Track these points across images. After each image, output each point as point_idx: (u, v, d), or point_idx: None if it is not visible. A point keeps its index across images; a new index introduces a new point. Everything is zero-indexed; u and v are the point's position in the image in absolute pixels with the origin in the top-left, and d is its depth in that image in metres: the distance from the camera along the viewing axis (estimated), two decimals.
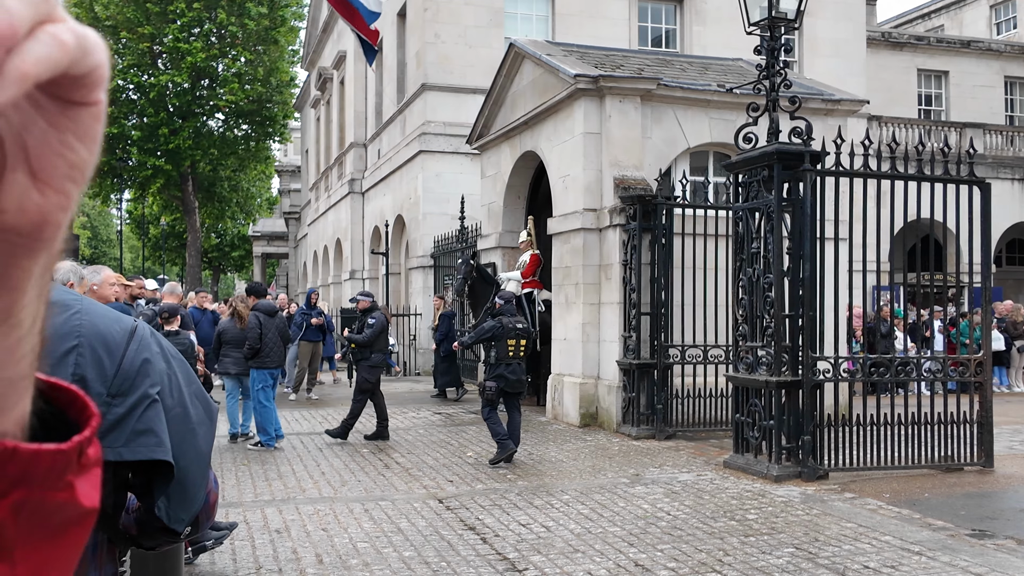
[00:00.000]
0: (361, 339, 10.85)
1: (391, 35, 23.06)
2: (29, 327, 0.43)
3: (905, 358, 8.97)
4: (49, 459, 0.44)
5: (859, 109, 13.55)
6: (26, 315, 0.42)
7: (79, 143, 0.42)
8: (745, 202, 8.74)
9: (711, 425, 10.95)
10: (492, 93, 14.62)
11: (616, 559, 5.71)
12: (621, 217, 11.27)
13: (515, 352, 9.14)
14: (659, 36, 21.48)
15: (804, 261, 8.24)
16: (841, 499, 7.37)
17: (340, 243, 29.18)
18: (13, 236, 0.40)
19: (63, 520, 0.46)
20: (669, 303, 10.93)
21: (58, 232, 0.42)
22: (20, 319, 0.42)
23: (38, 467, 0.44)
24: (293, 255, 44.85)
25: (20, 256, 0.41)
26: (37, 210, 0.40)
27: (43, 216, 0.40)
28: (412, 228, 21.04)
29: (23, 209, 0.40)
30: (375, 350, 10.81)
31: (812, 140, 8.43)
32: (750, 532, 6.33)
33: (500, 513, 6.94)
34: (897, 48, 26.31)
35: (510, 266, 14.53)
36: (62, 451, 0.45)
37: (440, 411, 13.39)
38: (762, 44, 8.79)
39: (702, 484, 7.98)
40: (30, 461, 0.43)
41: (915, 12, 34.78)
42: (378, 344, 10.84)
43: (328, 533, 6.39)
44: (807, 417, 8.11)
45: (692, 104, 12.09)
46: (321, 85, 33.31)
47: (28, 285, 0.42)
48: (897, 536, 6.19)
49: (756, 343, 8.50)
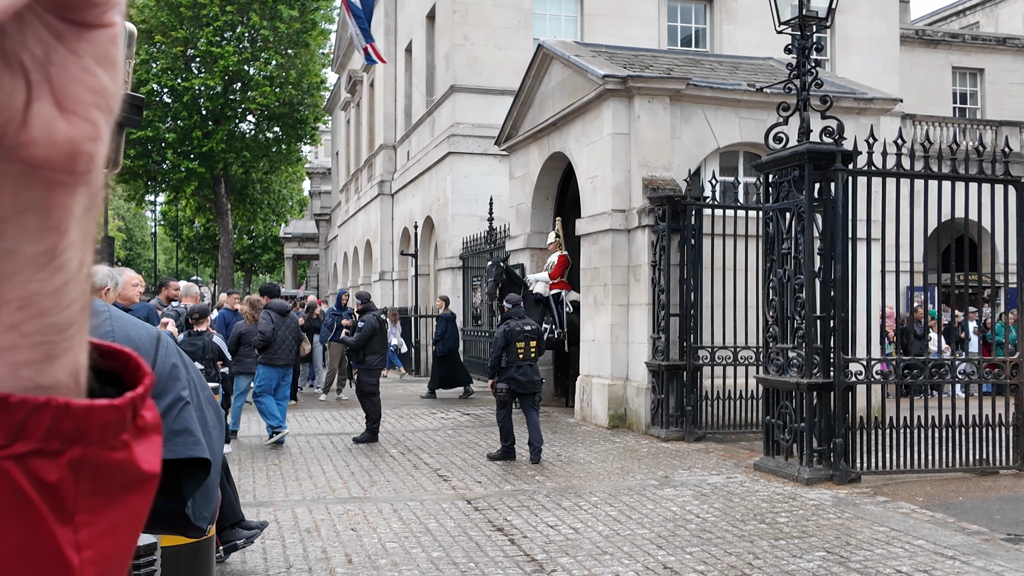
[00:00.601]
0: (352, 342, 10.90)
1: (420, 37, 23.16)
2: (75, 272, 0.43)
3: (939, 360, 8.85)
4: (103, 415, 0.44)
5: (892, 108, 13.39)
6: (71, 257, 0.42)
7: (99, 68, 0.42)
8: (775, 202, 8.67)
9: (741, 427, 10.87)
10: (520, 94, 14.63)
11: (645, 561, 5.69)
12: (650, 218, 11.23)
13: (525, 354, 9.25)
14: (689, 36, 21.37)
15: (836, 262, 8.16)
16: (873, 503, 7.29)
17: (370, 244, 29.34)
18: (48, 171, 0.40)
19: (123, 483, 0.46)
20: (698, 304, 10.87)
21: (92, 165, 0.42)
22: (65, 261, 0.42)
23: (92, 424, 0.43)
24: (324, 256, 45.18)
25: (58, 193, 0.41)
26: (66, 139, 0.40)
27: (73, 146, 0.41)
28: (441, 229, 21.10)
29: (52, 140, 0.40)
30: (369, 352, 10.80)
31: (844, 139, 8.34)
32: (780, 535, 6.28)
33: (528, 514, 6.94)
34: (931, 46, 25.95)
35: (538, 267, 14.53)
36: (116, 407, 0.45)
37: (469, 412, 13.43)
38: (793, 43, 8.72)
39: (732, 487, 7.92)
40: (84, 417, 0.43)
41: (950, 9, 34.26)
42: (372, 346, 10.83)
43: (357, 533, 6.43)
44: (839, 419, 8.03)
45: (722, 104, 12.02)
46: (351, 87, 33.53)
47: (70, 224, 0.42)
48: (930, 540, 6.11)
49: (787, 344, 8.43)
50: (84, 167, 0.42)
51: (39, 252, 0.41)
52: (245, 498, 6.99)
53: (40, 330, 0.42)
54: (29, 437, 0.41)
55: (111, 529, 0.45)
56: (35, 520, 0.42)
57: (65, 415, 0.42)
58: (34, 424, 0.41)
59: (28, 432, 0.41)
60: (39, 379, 0.42)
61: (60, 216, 0.41)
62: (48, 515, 0.42)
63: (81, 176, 0.42)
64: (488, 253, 16.62)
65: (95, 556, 0.44)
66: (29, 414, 0.41)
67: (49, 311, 0.42)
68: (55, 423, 0.42)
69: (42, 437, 0.42)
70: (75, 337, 0.44)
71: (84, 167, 0.42)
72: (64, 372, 0.43)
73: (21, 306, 0.41)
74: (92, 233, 0.44)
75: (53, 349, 0.42)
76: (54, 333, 0.42)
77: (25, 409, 0.41)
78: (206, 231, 43.95)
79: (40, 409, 0.42)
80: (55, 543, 0.42)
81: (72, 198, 0.42)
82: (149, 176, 30.20)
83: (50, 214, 0.41)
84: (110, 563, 0.45)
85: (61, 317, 0.42)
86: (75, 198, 0.42)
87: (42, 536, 0.42)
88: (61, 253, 0.42)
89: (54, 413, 0.42)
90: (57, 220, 0.41)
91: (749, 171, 11.96)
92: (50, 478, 0.42)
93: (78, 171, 0.41)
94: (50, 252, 0.41)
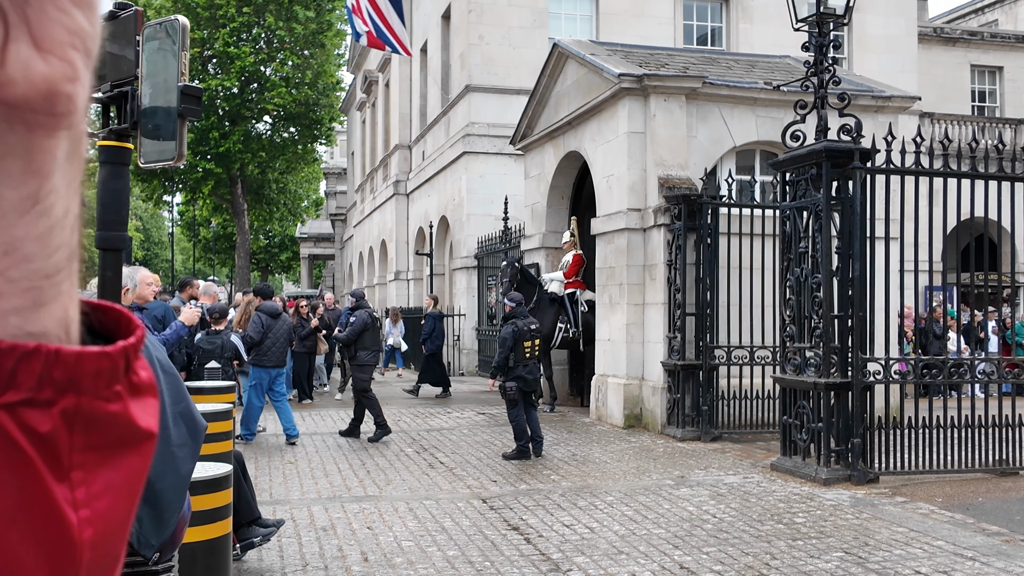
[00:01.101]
0: (343, 337, 10.95)
1: (435, 37, 23.18)
2: (60, 218, 0.42)
3: (959, 360, 8.77)
4: (94, 362, 0.43)
5: (910, 106, 13.29)
6: (55, 202, 0.42)
7: (76, 8, 0.42)
8: (793, 201, 8.62)
9: (757, 427, 10.82)
10: (536, 93, 14.62)
11: (661, 561, 5.67)
12: (666, 217, 11.19)
13: (531, 353, 9.42)
14: (705, 34, 21.30)
15: (854, 261, 8.10)
16: (892, 503, 7.23)
17: (385, 244, 29.41)
18: (27, 112, 0.40)
19: (118, 439, 0.45)
20: (715, 303, 10.83)
21: (72, 107, 0.41)
22: (49, 206, 0.41)
23: (84, 372, 0.43)
24: (339, 256, 45.32)
25: (39, 135, 0.41)
26: (43, 78, 0.40)
27: (51, 85, 0.40)
28: (456, 229, 21.12)
29: (30, 79, 0.39)
30: (360, 348, 10.83)
31: (862, 137, 8.28)
32: (798, 536, 6.24)
33: (544, 514, 6.93)
34: (950, 43, 25.75)
35: (553, 266, 14.52)
36: (107, 354, 0.44)
37: (484, 411, 13.43)
38: (810, 40, 8.66)
39: (748, 487, 7.88)
40: (75, 364, 0.42)
41: (968, 7, 33.98)
42: (363, 342, 10.86)
43: (373, 531, 6.44)
44: (857, 419, 7.97)
45: (738, 102, 11.96)
46: (367, 88, 33.62)
47: (53, 169, 0.41)
48: (950, 541, 6.06)
49: (804, 344, 8.37)
50: (64, 108, 0.41)
51: (22, 197, 0.41)
52: (262, 496, 7.01)
53: (26, 275, 0.41)
54: (20, 386, 0.41)
55: (108, 489, 0.44)
56: (30, 475, 0.41)
57: (56, 362, 0.41)
58: (25, 372, 0.41)
59: (19, 380, 0.41)
60: (27, 326, 0.41)
61: (42, 160, 0.41)
62: (43, 470, 0.41)
63: (62, 118, 0.41)
64: (503, 252, 16.62)
65: (92, 516, 0.43)
66: (19, 361, 0.40)
67: (35, 256, 0.41)
68: (46, 370, 0.41)
69: (33, 386, 0.41)
70: (63, 285, 0.43)
71: (64, 108, 0.41)
72: (53, 321, 0.42)
73: (6, 251, 0.40)
74: (77, 181, 0.44)
75: (41, 295, 0.42)
76: (41, 279, 0.42)
77: (15, 355, 0.40)
78: (223, 231, 44.19)
79: (30, 356, 0.41)
80: (52, 500, 0.41)
81: (54, 141, 0.41)
82: (166, 176, 30.38)
83: (32, 157, 0.41)
84: (108, 525, 0.44)
85: (48, 263, 0.42)
86: (57, 141, 0.41)
87: (38, 492, 0.41)
88: (44, 198, 0.41)
89: (45, 360, 0.41)
90: (39, 164, 0.41)
91: (766, 170, 11.91)
92: (43, 429, 0.41)
93: (58, 112, 0.41)
94: (33, 197, 0.41)
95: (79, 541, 0.42)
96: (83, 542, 0.42)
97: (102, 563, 0.44)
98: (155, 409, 0.48)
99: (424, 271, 23.78)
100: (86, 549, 0.42)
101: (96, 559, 0.43)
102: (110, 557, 0.45)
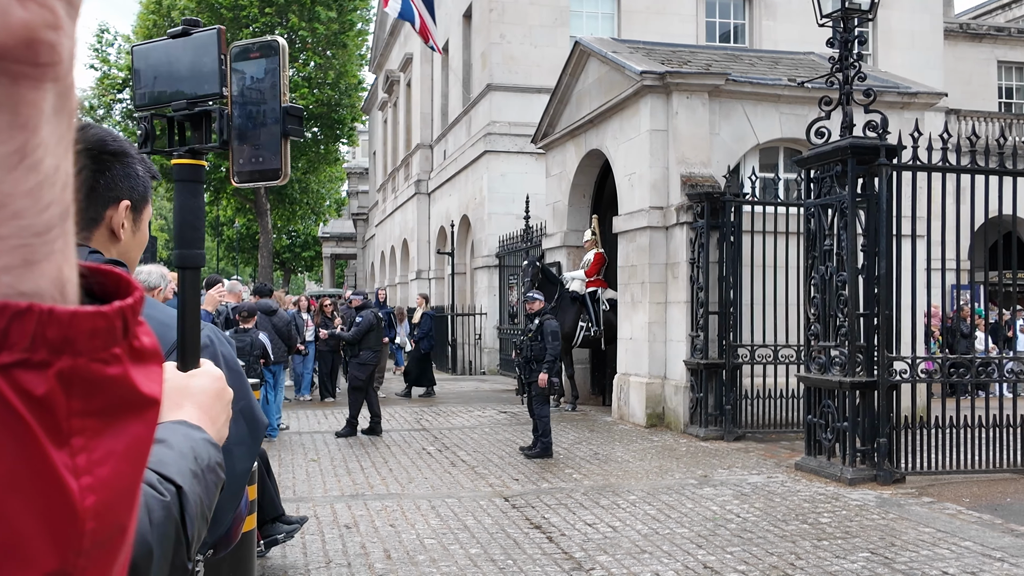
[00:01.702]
0: (349, 336, 11.16)
1: (456, 36, 23.20)
2: (50, 173, 0.41)
3: (986, 359, 8.65)
4: (90, 321, 0.42)
5: (937, 102, 13.14)
6: (43, 157, 0.41)
7: None
8: (817, 198, 8.55)
9: (781, 426, 10.73)
10: (557, 92, 14.59)
11: (684, 561, 5.64)
12: (688, 215, 11.13)
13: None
14: (727, 32, 21.17)
15: (879, 258, 8.01)
16: (919, 503, 7.15)
17: (407, 243, 29.48)
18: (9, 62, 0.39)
19: (119, 404, 0.44)
20: (738, 302, 10.76)
21: (56, 58, 0.40)
22: (37, 160, 0.40)
23: (79, 331, 0.41)
24: (361, 256, 45.48)
25: (24, 87, 0.40)
26: (22, 24, 0.39)
27: (30, 32, 0.39)
28: (477, 228, 21.13)
29: (7, 25, 0.38)
30: (363, 347, 11.01)
31: (888, 134, 8.19)
32: (823, 536, 6.18)
33: (566, 512, 6.91)
34: (976, 39, 25.43)
35: (575, 265, 14.49)
36: (103, 313, 0.43)
37: (505, 410, 13.42)
38: (835, 36, 8.58)
39: (773, 486, 7.82)
40: (69, 324, 0.41)
41: (994, 2, 33.53)
42: (367, 342, 11.04)
43: (396, 529, 6.45)
44: (883, 419, 7.89)
45: (762, 99, 11.88)
46: (388, 88, 33.71)
47: (40, 123, 0.40)
48: (977, 542, 5.98)
49: (829, 343, 8.30)
50: (47, 58, 0.40)
51: (9, 151, 0.40)
52: (285, 493, 7.04)
53: (16, 232, 0.40)
54: (13, 347, 0.39)
55: (110, 456, 0.43)
56: (27, 440, 0.39)
57: (50, 321, 0.40)
58: (18, 332, 0.39)
59: (12, 341, 0.39)
60: (19, 285, 0.40)
61: (28, 113, 0.40)
62: (41, 435, 0.40)
63: (46, 69, 0.40)
64: (524, 251, 16.60)
65: (95, 483, 0.42)
66: (11, 320, 0.39)
67: (24, 213, 0.40)
68: (40, 330, 0.40)
69: (27, 347, 0.40)
70: (56, 243, 0.42)
71: (47, 58, 0.40)
72: (46, 280, 0.41)
73: None
74: (68, 137, 0.43)
75: (32, 253, 0.40)
76: (32, 236, 0.40)
77: (7, 314, 0.39)
78: (246, 231, 44.48)
79: (23, 315, 0.39)
80: (51, 466, 0.40)
81: (39, 94, 0.40)
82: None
83: (17, 111, 0.39)
84: (112, 493, 0.43)
85: (38, 220, 0.40)
86: (43, 94, 0.40)
87: (36, 458, 0.40)
88: (32, 152, 0.40)
89: (38, 319, 0.40)
90: (26, 117, 0.40)
91: (789, 167, 11.82)
92: (39, 391, 0.40)
93: (41, 63, 0.40)
94: (20, 151, 0.40)
95: (81, 509, 0.41)
96: (85, 510, 0.41)
97: (107, 532, 0.43)
98: (159, 376, 0.46)
99: (445, 270, 23.81)
100: (88, 518, 0.41)
101: (100, 528, 0.42)
102: (115, 527, 0.44)
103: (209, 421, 1.13)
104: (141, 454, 0.46)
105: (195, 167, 1.22)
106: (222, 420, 1.17)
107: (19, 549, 0.39)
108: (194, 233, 1.22)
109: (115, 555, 0.44)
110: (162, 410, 1.00)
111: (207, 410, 1.13)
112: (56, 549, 0.40)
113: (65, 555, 0.41)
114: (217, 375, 1.19)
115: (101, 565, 0.43)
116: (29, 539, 0.39)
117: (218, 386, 1.18)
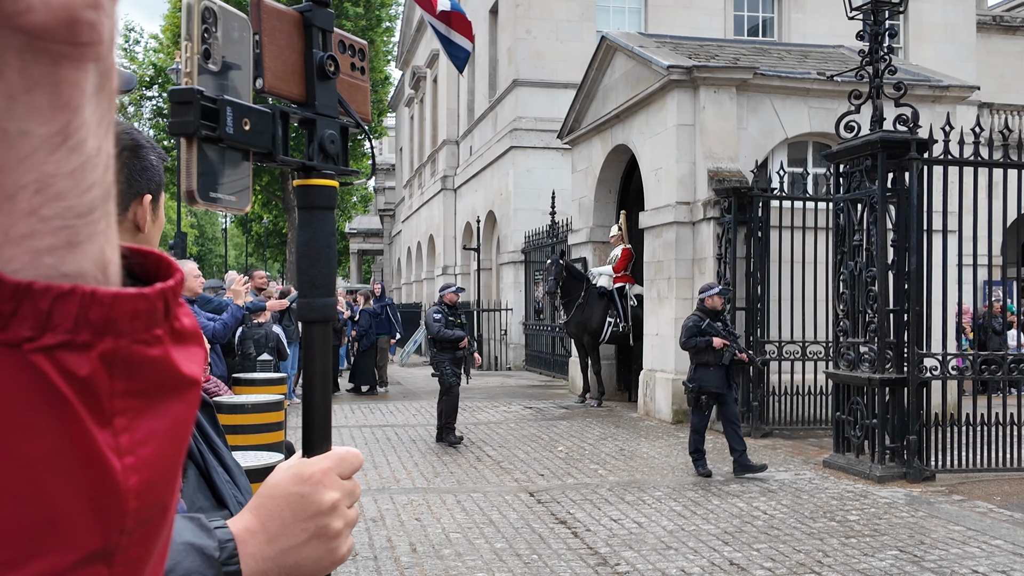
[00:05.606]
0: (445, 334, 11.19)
1: (483, 32, 23.20)
2: (93, 154, 0.41)
3: (1019, 356, 8.53)
4: (132, 303, 0.42)
5: (969, 95, 12.95)
6: (86, 137, 0.41)
7: None
8: (847, 193, 8.46)
9: (809, 423, 10.65)
10: (583, 87, 14.55)
11: (710, 557, 5.61)
12: (715, 210, 11.06)
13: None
14: (756, 25, 20.99)
15: (910, 254, 7.92)
16: (948, 501, 7.06)
17: (433, 239, 29.55)
18: (50, 42, 0.39)
19: (161, 385, 0.44)
20: (765, 298, 10.68)
21: (96, 37, 0.40)
22: (80, 141, 0.40)
23: (121, 313, 0.41)
24: (388, 251, 45.66)
25: (65, 67, 0.39)
26: (62, 5, 0.39)
27: (70, 11, 0.39)
28: (503, 224, 21.13)
29: (48, 4, 0.38)
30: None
31: (918, 128, 8.09)
32: (851, 533, 6.13)
33: (591, 508, 6.91)
34: (1010, 32, 25.02)
35: (601, 261, 14.45)
36: (144, 295, 0.43)
37: (531, 406, 13.43)
38: (865, 29, 8.48)
39: (800, 483, 7.76)
40: (112, 305, 0.41)
41: None
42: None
43: (421, 523, 6.48)
44: (913, 416, 7.80)
45: (790, 93, 11.77)
46: (415, 83, 33.78)
47: (82, 103, 0.40)
48: (1009, 540, 5.90)
49: (858, 339, 8.22)
50: (87, 38, 0.40)
51: (52, 132, 0.39)
52: None
53: (59, 214, 0.40)
54: (57, 328, 0.39)
55: (152, 436, 0.43)
56: (71, 421, 0.39)
57: (92, 303, 0.40)
58: (61, 313, 0.39)
59: (56, 322, 0.39)
60: (62, 266, 0.40)
61: (70, 93, 0.40)
62: (85, 415, 0.40)
63: (87, 49, 0.40)
64: (550, 247, 16.57)
65: (137, 463, 0.42)
66: (55, 302, 0.39)
67: (67, 193, 0.40)
68: (83, 312, 0.40)
69: (70, 328, 0.40)
70: (99, 224, 0.42)
71: (87, 38, 0.40)
72: (89, 261, 0.41)
73: (38, 189, 0.39)
74: (109, 118, 0.43)
75: (75, 235, 0.40)
76: (75, 217, 0.40)
77: (51, 297, 0.39)
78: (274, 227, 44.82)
79: (66, 297, 0.39)
80: (95, 446, 0.40)
81: (81, 73, 0.40)
82: None
83: (59, 91, 0.39)
84: (154, 473, 0.43)
85: (81, 201, 0.40)
86: (84, 74, 0.40)
87: (80, 438, 0.40)
88: (75, 132, 0.40)
89: (81, 301, 0.40)
90: (67, 97, 0.40)
91: (818, 162, 11.70)
92: (82, 372, 0.40)
93: (81, 42, 0.40)
94: (63, 132, 0.40)
95: (124, 488, 0.41)
96: (128, 489, 0.41)
97: (150, 512, 0.43)
98: (200, 357, 0.46)
99: (471, 266, 23.84)
100: (132, 497, 0.42)
101: (143, 507, 0.42)
102: (158, 507, 0.44)
103: (264, 535, 0.89)
104: (183, 435, 0.46)
105: (330, 190, 0.98)
106: (289, 537, 0.89)
107: (64, 528, 0.40)
108: (325, 272, 0.97)
109: (157, 534, 0.45)
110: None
111: (266, 519, 0.90)
112: (100, 528, 0.41)
113: (109, 534, 0.41)
114: (307, 475, 0.91)
115: (144, 544, 0.43)
116: (74, 518, 0.40)
117: (299, 490, 0.90)
